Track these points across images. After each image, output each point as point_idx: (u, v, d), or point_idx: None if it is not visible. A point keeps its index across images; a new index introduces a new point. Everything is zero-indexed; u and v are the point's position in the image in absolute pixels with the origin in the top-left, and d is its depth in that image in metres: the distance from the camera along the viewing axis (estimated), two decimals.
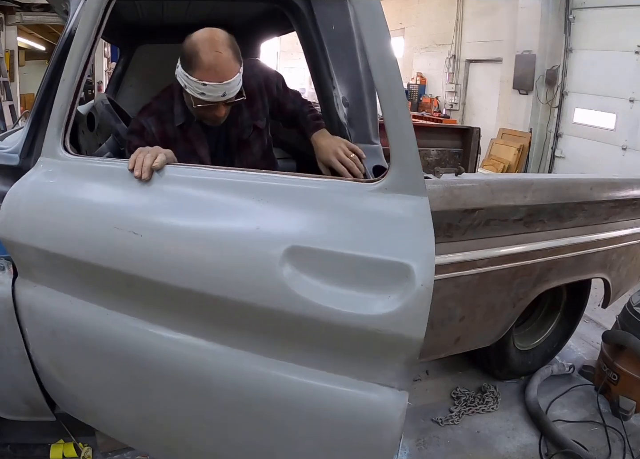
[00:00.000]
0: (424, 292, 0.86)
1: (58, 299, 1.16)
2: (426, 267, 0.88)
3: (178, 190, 1.05)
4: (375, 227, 0.92)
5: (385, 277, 0.88)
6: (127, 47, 2.62)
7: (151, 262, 1.01)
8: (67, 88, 1.13)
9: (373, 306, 0.88)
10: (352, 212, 0.94)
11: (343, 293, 0.89)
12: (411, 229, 0.90)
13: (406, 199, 0.92)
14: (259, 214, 0.96)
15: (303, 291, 0.90)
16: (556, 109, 5.83)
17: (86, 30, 1.09)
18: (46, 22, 6.72)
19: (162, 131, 1.35)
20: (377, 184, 0.94)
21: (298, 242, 0.92)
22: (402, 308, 0.86)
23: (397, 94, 0.89)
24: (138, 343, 1.08)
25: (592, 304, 2.37)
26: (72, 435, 1.64)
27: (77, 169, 1.15)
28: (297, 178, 0.99)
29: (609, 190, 1.77)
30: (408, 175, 0.92)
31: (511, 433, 1.91)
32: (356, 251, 0.90)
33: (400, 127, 0.90)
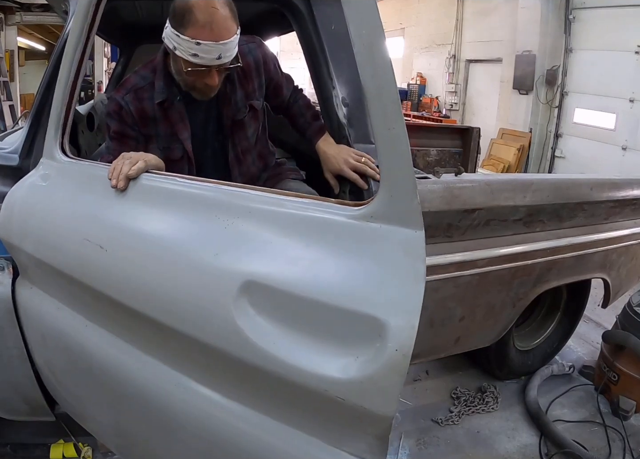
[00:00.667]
0: (398, 359, 0.67)
1: (48, 304, 1.14)
2: (406, 327, 0.68)
3: (148, 203, 0.95)
4: (350, 266, 0.73)
5: (355, 332, 0.71)
6: (127, 47, 2.62)
7: (113, 280, 0.93)
8: (63, 88, 1.12)
9: (336, 368, 0.70)
10: (325, 244, 0.76)
11: (303, 346, 0.73)
12: (396, 274, 0.70)
13: (396, 233, 0.72)
14: (222, 237, 0.83)
15: (257, 337, 0.75)
16: (556, 109, 5.83)
17: (78, 29, 1.08)
18: (46, 22, 6.73)
19: (140, 109, 1.21)
20: (360, 210, 0.75)
21: (256, 277, 0.77)
22: (369, 376, 0.68)
23: (389, 99, 0.70)
24: (110, 359, 1.01)
25: (592, 304, 2.36)
26: (72, 435, 1.64)
27: (68, 172, 1.12)
28: (272, 197, 0.84)
29: (608, 190, 1.77)
30: (400, 201, 0.71)
31: (511, 433, 1.91)
32: (321, 295, 0.72)
33: (393, 139, 0.70)
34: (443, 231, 1.40)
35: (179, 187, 0.93)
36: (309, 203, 0.80)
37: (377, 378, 0.69)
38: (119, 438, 1.15)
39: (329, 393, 0.71)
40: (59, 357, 1.17)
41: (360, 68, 0.71)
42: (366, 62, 0.71)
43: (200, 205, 0.89)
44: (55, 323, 1.13)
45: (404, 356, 0.68)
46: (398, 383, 0.69)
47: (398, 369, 0.68)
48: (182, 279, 0.84)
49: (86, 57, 1.12)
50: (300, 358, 0.73)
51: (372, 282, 0.71)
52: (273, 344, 0.75)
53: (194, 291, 0.82)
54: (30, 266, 1.18)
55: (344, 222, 0.76)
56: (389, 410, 0.70)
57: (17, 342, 1.24)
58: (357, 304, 0.70)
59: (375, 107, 0.71)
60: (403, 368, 0.68)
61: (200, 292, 0.81)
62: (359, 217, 0.75)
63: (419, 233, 0.72)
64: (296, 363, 0.73)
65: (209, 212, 0.86)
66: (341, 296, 0.71)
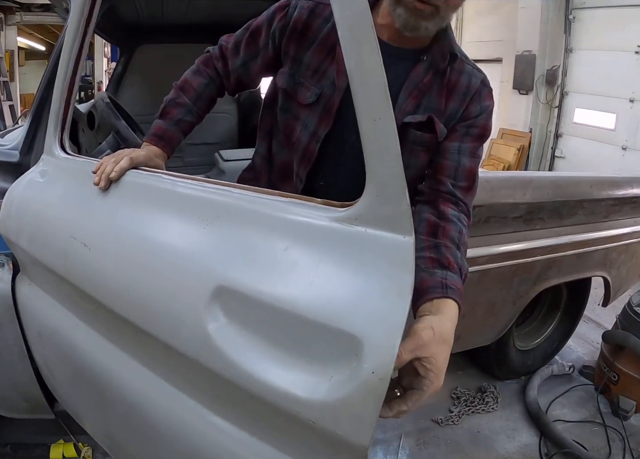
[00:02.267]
0: (374, 383, 0.58)
1: (44, 301, 1.14)
2: (385, 347, 0.59)
3: (130, 201, 0.92)
4: (329, 275, 0.65)
5: (331, 349, 0.63)
6: (127, 47, 2.62)
7: (95, 280, 0.91)
8: (61, 85, 1.11)
9: (308, 387, 0.63)
10: (304, 248, 0.68)
11: (275, 360, 0.66)
12: (379, 286, 0.62)
13: (381, 238, 0.63)
14: (200, 237, 0.78)
15: (228, 347, 0.69)
16: (556, 109, 5.83)
17: (74, 25, 1.07)
18: (46, 22, 6.74)
19: (303, 21, 0.93)
20: (345, 212, 0.67)
21: (229, 282, 0.71)
22: (342, 400, 0.60)
23: (375, 86, 0.61)
24: (97, 360, 0.99)
25: (592, 304, 2.36)
26: (72, 434, 1.64)
27: (65, 169, 1.11)
28: (254, 196, 0.77)
29: (608, 188, 1.78)
30: (387, 202, 0.63)
31: (511, 433, 1.91)
32: (295, 306, 0.64)
33: (379, 132, 0.62)
34: None
35: (163, 184, 0.89)
36: (291, 203, 0.72)
37: (350, 401, 0.60)
38: (109, 440, 1.14)
39: (299, 415, 0.64)
40: (53, 355, 1.17)
41: (345, 52, 0.63)
42: (350, 45, 0.62)
43: (182, 204, 0.85)
44: (49, 321, 1.12)
45: (381, 380, 0.58)
46: (373, 409, 0.59)
47: (374, 394, 0.59)
48: (156, 281, 0.80)
49: (84, 54, 1.12)
50: (271, 374, 0.66)
51: (352, 294, 0.63)
52: (244, 356, 0.68)
53: (168, 294, 0.78)
54: (27, 263, 1.18)
55: (326, 225, 0.67)
56: (362, 439, 0.60)
57: (17, 339, 1.24)
58: (334, 318, 0.62)
59: (360, 96, 0.62)
60: (379, 392, 0.58)
61: (174, 295, 0.77)
62: (343, 220, 0.66)
63: (408, 239, 0.62)
64: (266, 378, 0.66)
65: (191, 211, 0.82)
66: (317, 309, 0.63)
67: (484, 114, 0.97)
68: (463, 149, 0.95)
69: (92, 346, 0.99)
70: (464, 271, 0.84)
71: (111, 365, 0.95)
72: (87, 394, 1.08)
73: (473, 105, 0.96)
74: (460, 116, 0.96)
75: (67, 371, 1.13)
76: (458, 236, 0.87)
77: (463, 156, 0.95)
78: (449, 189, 0.93)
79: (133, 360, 0.90)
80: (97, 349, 0.98)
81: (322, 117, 0.95)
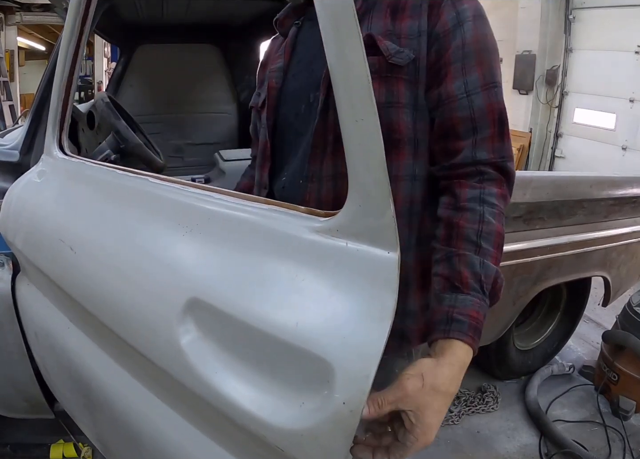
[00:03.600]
0: (345, 415, 0.53)
1: (40, 302, 1.13)
2: (358, 377, 0.53)
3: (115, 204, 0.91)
4: (305, 292, 0.60)
5: (303, 374, 0.58)
6: (127, 47, 2.62)
7: (79, 284, 0.90)
8: (58, 85, 1.11)
9: (277, 412, 0.59)
10: (281, 261, 0.64)
11: (247, 381, 0.63)
12: (357, 307, 0.56)
13: (363, 254, 0.58)
14: (178, 246, 0.75)
15: (199, 363, 0.66)
16: (556, 109, 5.83)
17: (71, 23, 1.07)
18: (46, 22, 6.73)
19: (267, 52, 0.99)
20: (325, 222, 0.61)
21: (201, 294, 0.67)
22: (310, 429, 0.56)
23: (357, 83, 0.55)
24: (86, 363, 0.97)
25: (592, 304, 2.36)
26: (72, 434, 1.63)
27: (61, 170, 1.11)
28: (235, 202, 0.72)
29: (608, 188, 1.78)
30: (370, 212, 0.57)
31: (511, 433, 1.91)
32: (267, 325, 0.60)
33: (361, 134, 0.56)
34: None
35: (147, 188, 0.86)
36: (273, 210, 0.67)
37: (318, 432, 0.55)
38: (99, 443, 1.13)
39: (266, 439, 0.60)
40: (48, 356, 1.16)
41: (326, 46, 0.57)
42: (331, 38, 0.56)
43: (164, 208, 0.82)
44: (44, 322, 1.12)
45: (352, 413, 0.53)
46: (343, 442, 0.55)
47: (343, 426, 0.54)
48: (134, 288, 0.77)
49: (81, 53, 1.11)
50: (240, 395, 0.62)
51: (327, 315, 0.57)
52: (215, 374, 0.65)
53: (144, 303, 0.75)
54: (25, 263, 1.18)
55: (305, 237, 0.62)
56: None
57: (17, 339, 1.24)
58: (306, 341, 0.57)
59: (341, 94, 0.57)
60: (350, 425, 0.54)
61: (149, 304, 0.74)
62: (324, 231, 0.60)
63: (392, 255, 0.56)
64: (235, 399, 0.62)
65: (172, 216, 0.79)
66: (289, 329, 0.58)
67: (469, 22, 0.72)
68: (471, 84, 0.71)
69: (82, 349, 0.98)
70: (486, 283, 0.66)
71: (98, 369, 0.94)
72: (78, 396, 1.07)
73: (444, 14, 0.72)
74: (433, 37, 0.72)
75: (60, 373, 1.13)
76: (477, 227, 0.69)
77: (474, 94, 0.71)
78: (467, 158, 0.72)
79: (118, 365, 0.89)
80: (87, 353, 0.97)
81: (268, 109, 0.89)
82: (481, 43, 0.72)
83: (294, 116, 0.81)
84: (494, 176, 0.72)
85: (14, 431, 1.67)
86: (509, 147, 0.74)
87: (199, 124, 2.83)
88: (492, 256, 0.68)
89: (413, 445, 0.59)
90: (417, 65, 0.73)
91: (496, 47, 0.75)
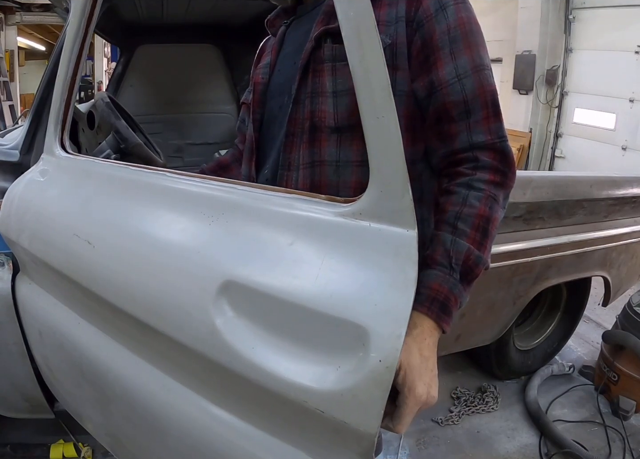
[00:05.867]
0: (381, 371, 0.60)
1: (45, 300, 1.14)
2: (391, 336, 0.60)
3: (135, 198, 0.93)
4: (335, 268, 0.66)
5: (338, 340, 0.64)
6: (127, 47, 2.62)
7: (99, 276, 0.92)
8: (61, 84, 1.11)
9: (316, 378, 0.64)
10: (309, 243, 0.70)
11: (283, 352, 0.68)
12: (384, 278, 0.64)
13: (385, 232, 0.65)
14: (206, 234, 0.79)
15: (235, 341, 0.71)
16: (556, 109, 5.84)
17: (76, 24, 1.07)
18: (46, 22, 6.74)
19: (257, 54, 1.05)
20: (348, 207, 0.68)
21: (235, 277, 0.72)
22: (350, 389, 0.62)
23: (378, 84, 0.63)
24: (100, 358, 0.99)
25: (592, 304, 2.37)
26: (72, 434, 1.64)
27: (65, 168, 1.12)
28: (258, 192, 0.77)
29: (608, 188, 1.78)
30: (391, 197, 0.65)
31: (511, 433, 1.91)
32: (301, 299, 0.66)
33: (382, 129, 0.63)
34: None
35: (166, 182, 0.90)
36: (296, 199, 0.73)
37: (357, 390, 0.62)
38: (110, 437, 1.14)
39: (308, 404, 0.65)
40: (54, 354, 1.17)
41: (348, 52, 0.64)
42: (354, 45, 0.64)
43: (186, 201, 0.86)
44: (50, 320, 1.12)
45: (388, 368, 0.60)
46: (380, 397, 0.61)
47: (380, 383, 0.61)
48: (163, 275, 0.81)
49: (84, 54, 1.12)
50: (279, 366, 0.67)
51: (357, 287, 0.64)
52: (252, 349, 0.69)
53: (174, 289, 0.79)
54: (28, 262, 1.18)
55: (331, 220, 0.69)
56: (370, 427, 0.62)
57: (17, 338, 1.24)
58: (340, 310, 0.64)
59: (363, 94, 0.64)
60: (386, 381, 0.60)
61: (181, 290, 0.78)
62: (347, 215, 0.68)
63: (411, 233, 0.64)
64: (275, 370, 0.67)
65: (195, 207, 0.83)
66: (323, 301, 0.65)
67: (451, 6, 0.72)
68: (461, 68, 0.71)
69: (95, 343, 0.99)
70: (456, 258, 0.70)
71: (114, 362, 0.95)
72: (89, 392, 1.08)
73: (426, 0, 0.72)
74: (416, 23, 0.72)
75: (68, 370, 1.13)
76: (457, 209, 0.71)
77: (465, 78, 0.71)
78: (464, 142, 0.73)
79: (136, 357, 0.91)
80: (100, 347, 0.98)
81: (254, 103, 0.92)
82: (466, 26, 0.73)
83: (278, 108, 0.85)
84: (489, 163, 0.73)
85: (14, 431, 1.67)
86: (504, 128, 0.75)
87: (199, 124, 2.83)
88: (468, 236, 0.71)
89: (405, 405, 0.66)
90: (393, 51, 0.74)
91: (480, 30, 0.75)
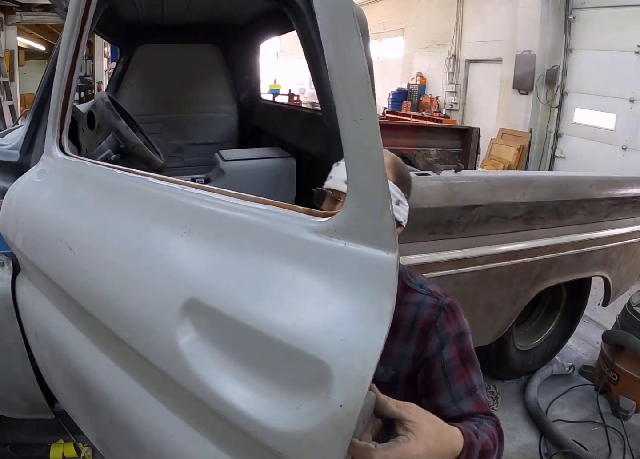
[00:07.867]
0: (342, 417, 0.53)
1: (40, 302, 1.13)
2: (355, 379, 0.53)
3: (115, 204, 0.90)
4: (303, 293, 0.59)
5: (300, 375, 0.57)
6: (127, 47, 2.62)
7: (77, 283, 0.90)
8: (58, 85, 1.11)
9: (275, 415, 0.58)
10: (279, 262, 0.63)
11: (245, 383, 0.62)
12: (356, 308, 0.56)
13: (362, 255, 0.57)
14: (177, 246, 0.74)
15: (197, 364, 0.65)
16: (556, 109, 5.84)
17: (71, 23, 1.07)
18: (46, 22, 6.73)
19: None
20: (324, 222, 0.61)
21: (199, 296, 0.67)
22: (308, 432, 0.55)
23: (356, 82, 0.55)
24: (85, 364, 0.97)
25: (592, 304, 2.36)
26: (72, 434, 1.63)
27: (60, 170, 1.11)
28: (235, 202, 0.72)
29: (608, 188, 1.78)
30: (369, 213, 0.56)
31: (511, 433, 1.91)
32: (265, 326, 0.59)
33: (360, 134, 0.55)
34: (443, 228, 1.40)
35: (147, 188, 0.86)
36: (272, 211, 0.67)
37: (316, 435, 0.54)
38: (99, 443, 1.13)
39: (264, 442, 0.59)
40: (48, 356, 1.16)
41: (324, 44, 0.57)
42: (329, 36, 0.56)
43: (164, 208, 0.82)
44: (44, 322, 1.12)
45: (349, 415, 0.53)
46: (340, 445, 0.54)
47: (340, 429, 0.53)
48: (132, 288, 0.77)
49: (81, 53, 1.11)
50: (238, 397, 0.61)
51: (325, 316, 0.57)
52: (212, 375, 0.64)
53: (142, 304, 0.74)
54: (25, 263, 1.17)
55: (303, 237, 0.61)
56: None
57: (17, 338, 1.24)
58: (304, 343, 0.56)
59: (340, 93, 0.55)
60: (347, 428, 0.53)
61: (148, 305, 0.73)
62: (322, 232, 0.60)
63: (391, 256, 0.55)
64: (233, 401, 0.61)
65: (171, 216, 0.79)
66: (287, 331, 0.57)
67: (447, 345, 0.84)
68: (456, 393, 0.82)
69: (81, 349, 0.98)
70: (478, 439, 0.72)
71: (97, 370, 0.94)
72: (78, 397, 1.07)
73: (431, 341, 0.84)
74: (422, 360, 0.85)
75: (61, 373, 1.13)
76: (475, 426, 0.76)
77: (461, 401, 0.82)
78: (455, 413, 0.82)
79: (116, 366, 0.89)
80: (86, 353, 0.96)
81: None
82: (462, 356, 0.85)
83: None
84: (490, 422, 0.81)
85: (14, 431, 1.67)
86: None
87: (199, 124, 2.83)
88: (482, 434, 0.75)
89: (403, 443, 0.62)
90: (397, 379, 0.88)
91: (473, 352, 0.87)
